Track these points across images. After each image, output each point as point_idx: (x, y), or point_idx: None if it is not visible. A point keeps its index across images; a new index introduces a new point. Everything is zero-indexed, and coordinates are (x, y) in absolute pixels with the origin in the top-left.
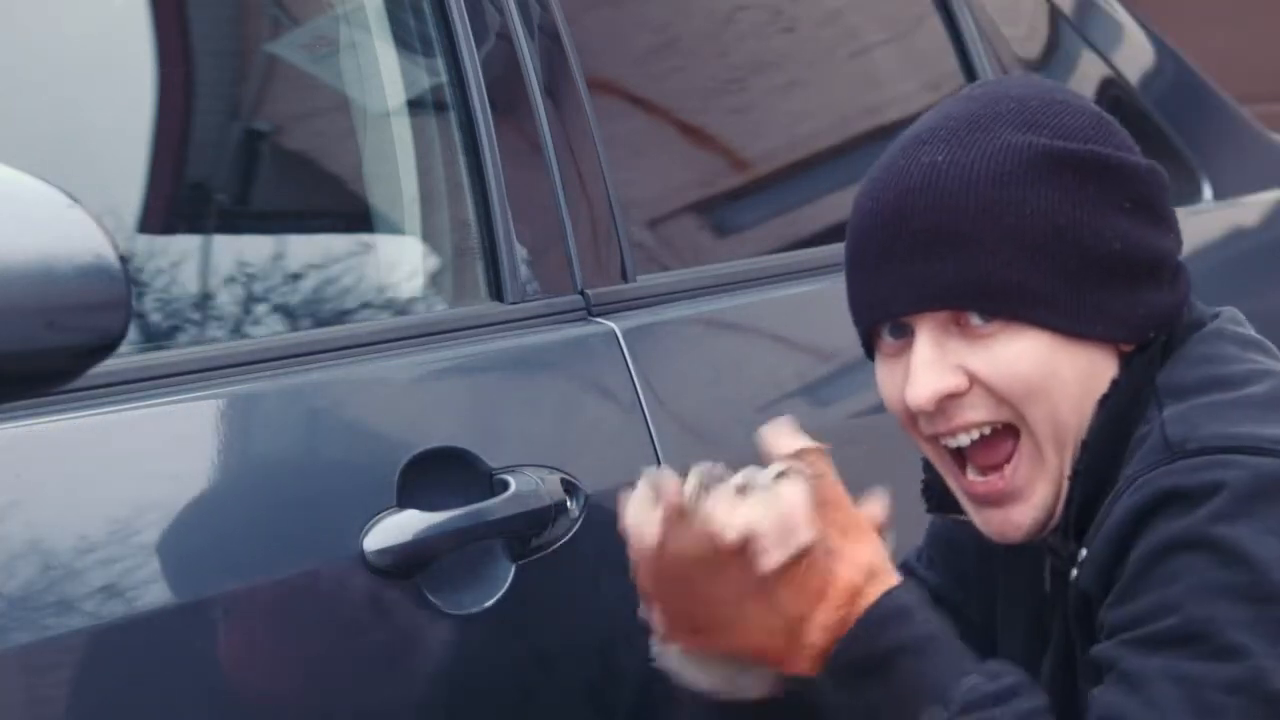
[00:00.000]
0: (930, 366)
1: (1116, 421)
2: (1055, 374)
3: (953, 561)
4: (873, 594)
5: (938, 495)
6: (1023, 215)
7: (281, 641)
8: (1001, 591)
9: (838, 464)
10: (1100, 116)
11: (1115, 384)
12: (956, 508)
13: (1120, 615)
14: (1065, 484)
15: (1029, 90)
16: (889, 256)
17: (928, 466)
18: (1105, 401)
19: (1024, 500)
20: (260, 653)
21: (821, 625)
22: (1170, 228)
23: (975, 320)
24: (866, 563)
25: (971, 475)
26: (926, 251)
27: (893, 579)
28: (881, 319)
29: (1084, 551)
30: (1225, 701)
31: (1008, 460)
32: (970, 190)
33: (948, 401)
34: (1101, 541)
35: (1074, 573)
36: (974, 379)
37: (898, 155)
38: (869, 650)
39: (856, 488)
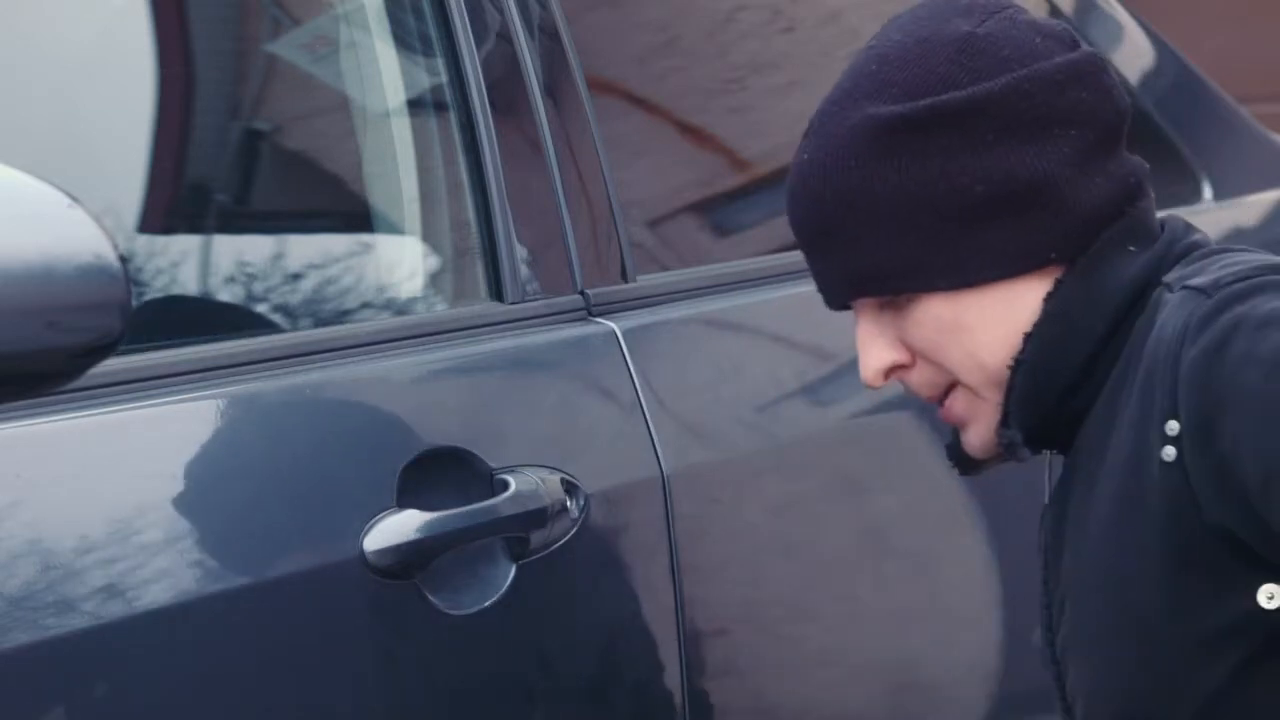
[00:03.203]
0: (867, 346)
1: (1066, 316)
2: (961, 327)
3: None
4: None
5: (958, 454)
6: (874, 196)
7: (281, 641)
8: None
9: (837, 464)
10: (964, 44)
11: (1059, 283)
12: (976, 466)
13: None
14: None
15: (898, 35)
16: (804, 254)
17: (953, 430)
18: (1049, 299)
19: (972, 424)
20: (260, 653)
21: None
22: (1054, 131)
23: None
24: None
25: None
26: (813, 250)
27: None
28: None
29: (1172, 424)
30: None
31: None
32: (827, 184)
33: (899, 374)
34: (1188, 396)
35: (1169, 451)
36: (910, 349)
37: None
38: None
39: (857, 487)
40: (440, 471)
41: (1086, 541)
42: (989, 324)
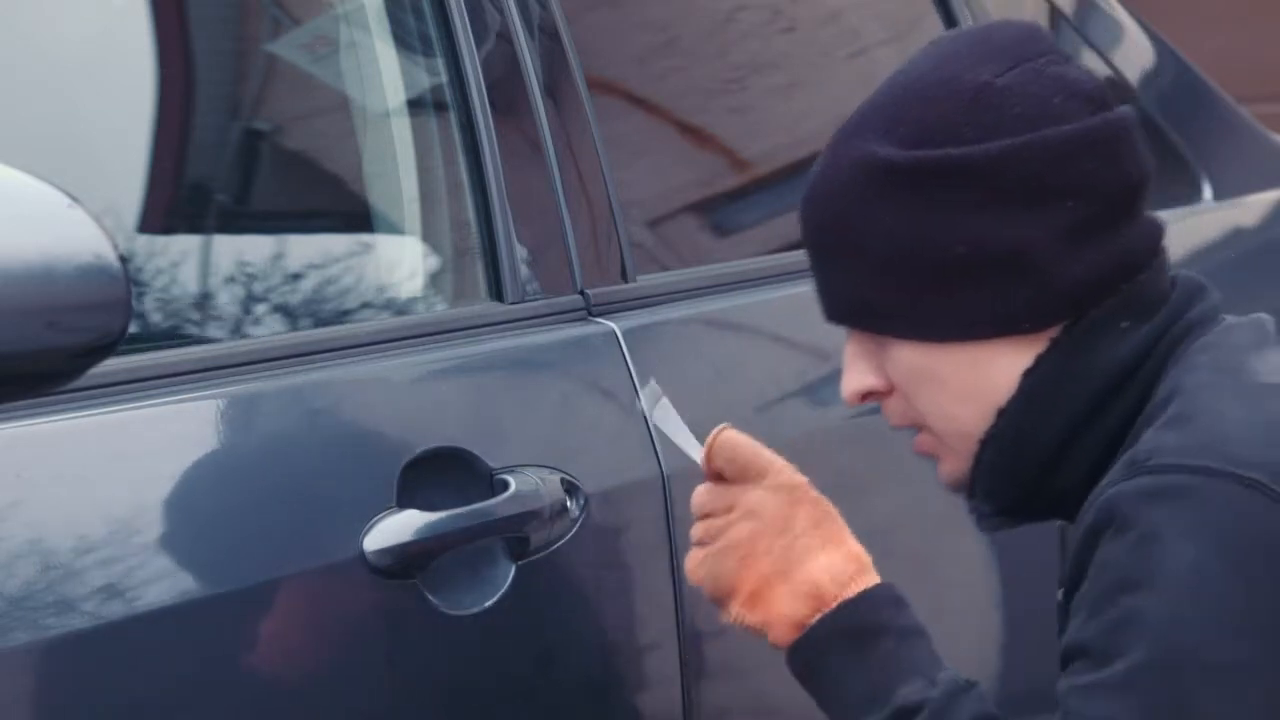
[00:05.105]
0: (850, 367)
1: (1042, 396)
2: (932, 377)
3: None
4: (873, 576)
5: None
6: (864, 234)
7: (282, 641)
8: None
9: (837, 464)
10: (978, 95)
11: (1040, 359)
12: (994, 525)
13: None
14: (975, 446)
15: (925, 67)
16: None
17: None
18: (1028, 374)
19: (942, 460)
20: (260, 653)
21: (827, 569)
22: (1049, 201)
23: None
24: (861, 552)
25: None
26: (813, 266)
27: (878, 579)
28: None
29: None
30: None
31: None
32: (827, 207)
33: (877, 398)
34: (1072, 556)
35: (1060, 593)
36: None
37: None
38: (862, 621)
39: (856, 488)
40: (440, 471)
41: None
42: (958, 380)
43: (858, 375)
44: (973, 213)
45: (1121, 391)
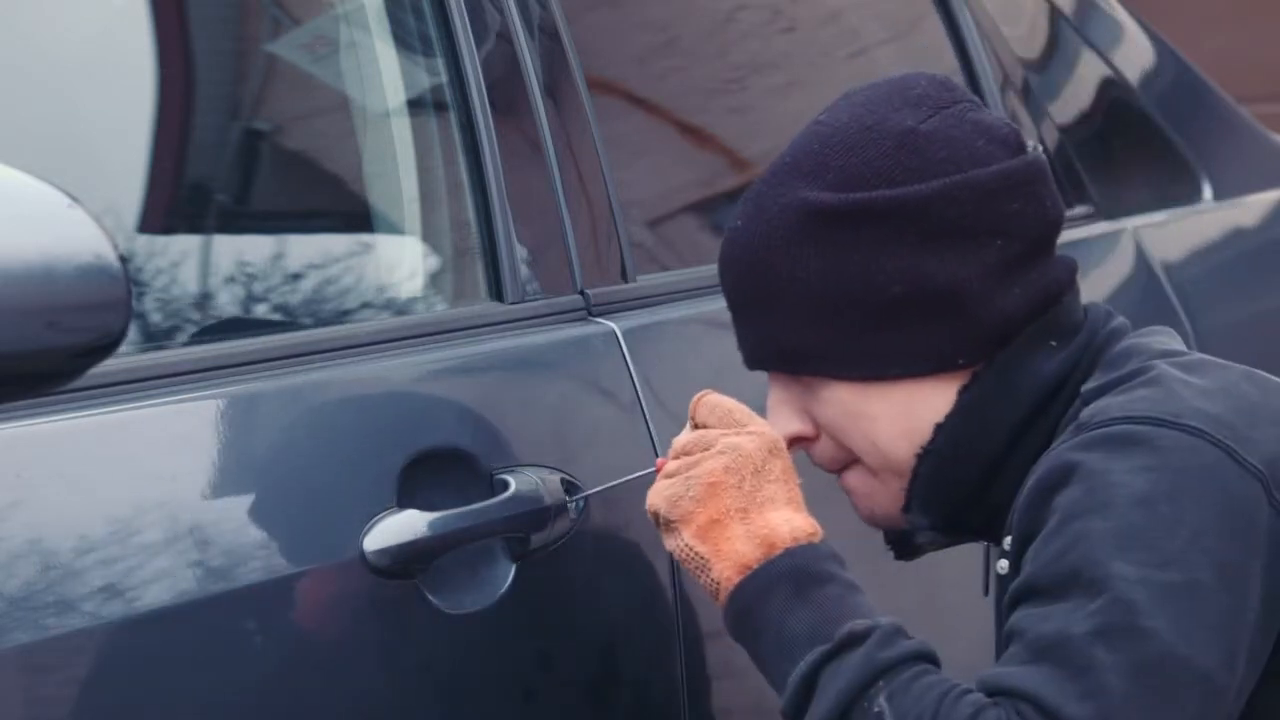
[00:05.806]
0: (775, 413)
1: (979, 411)
2: (865, 415)
3: None
4: (820, 534)
5: (895, 539)
6: (794, 279)
7: (281, 641)
8: None
9: None
10: (904, 140)
11: (976, 376)
12: (913, 552)
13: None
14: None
15: (845, 116)
16: (731, 315)
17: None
18: (965, 391)
19: (867, 499)
20: (260, 653)
21: (787, 522)
22: (979, 240)
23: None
24: (819, 527)
25: None
26: (735, 316)
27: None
28: None
29: (1008, 539)
30: (1097, 656)
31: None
32: (753, 258)
33: (803, 445)
34: (1016, 520)
35: (1003, 564)
36: (816, 424)
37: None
38: (809, 568)
39: None
40: (440, 471)
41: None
42: (893, 417)
43: (784, 422)
44: (907, 253)
45: (1054, 402)
